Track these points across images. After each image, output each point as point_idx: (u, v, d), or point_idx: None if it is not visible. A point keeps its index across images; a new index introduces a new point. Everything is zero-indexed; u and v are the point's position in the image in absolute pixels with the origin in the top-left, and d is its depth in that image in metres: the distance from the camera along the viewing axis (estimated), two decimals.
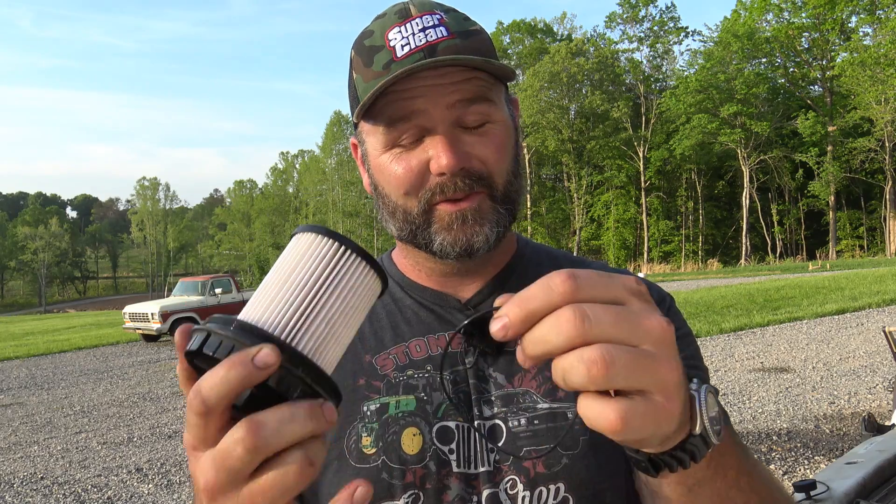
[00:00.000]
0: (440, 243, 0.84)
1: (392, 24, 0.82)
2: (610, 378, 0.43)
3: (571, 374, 0.43)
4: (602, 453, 0.83)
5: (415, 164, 0.82)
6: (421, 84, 0.79)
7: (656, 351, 0.45)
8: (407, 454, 0.83)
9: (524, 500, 0.82)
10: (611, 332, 0.44)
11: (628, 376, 0.43)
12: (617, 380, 0.43)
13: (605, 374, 0.42)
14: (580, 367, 0.43)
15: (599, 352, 0.43)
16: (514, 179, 0.87)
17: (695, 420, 0.50)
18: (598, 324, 0.44)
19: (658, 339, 0.45)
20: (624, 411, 0.44)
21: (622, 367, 0.43)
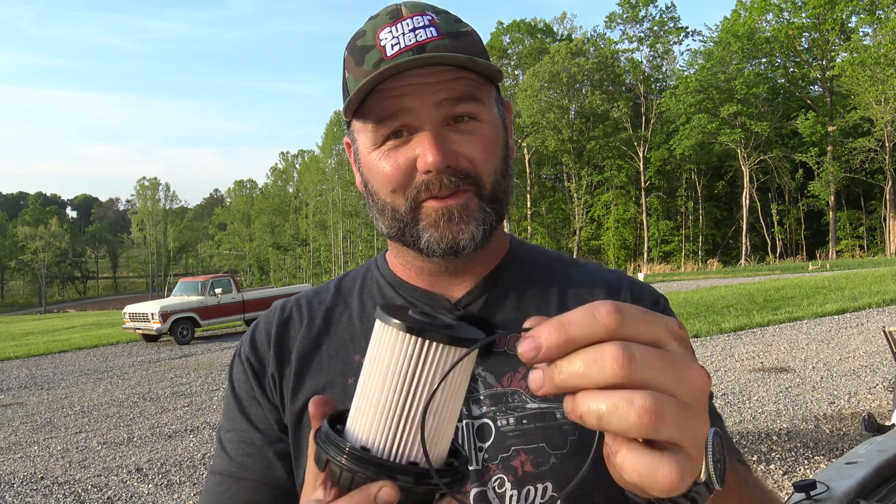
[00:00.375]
0: (426, 240, 0.85)
1: (383, 24, 0.84)
2: (658, 429, 0.41)
3: (614, 417, 0.41)
4: (588, 453, 0.82)
5: (402, 162, 0.83)
6: (409, 82, 0.80)
7: (695, 404, 0.43)
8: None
9: (512, 498, 0.82)
10: (657, 379, 0.42)
11: (673, 429, 0.41)
12: (663, 431, 0.41)
13: (655, 424, 0.40)
14: (629, 412, 0.40)
15: (653, 400, 0.41)
16: (501, 179, 0.87)
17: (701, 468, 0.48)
18: (645, 367, 0.41)
19: (698, 391, 0.44)
20: (682, 468, 0.42)
21: (671, 419, 0.41)
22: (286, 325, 0.95)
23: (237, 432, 0.90)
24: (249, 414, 0.91)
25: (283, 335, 0.94)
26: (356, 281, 1.00)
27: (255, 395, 0.91)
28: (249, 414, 0.91)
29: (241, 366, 0.94)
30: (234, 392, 0.94)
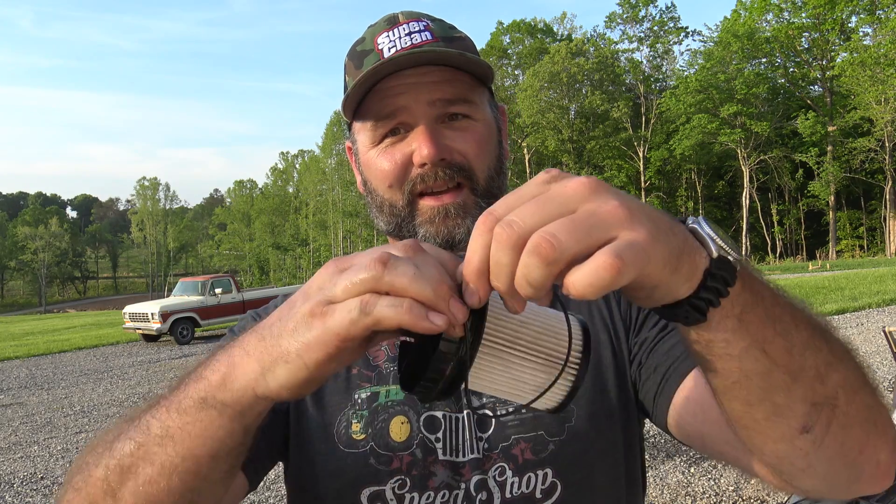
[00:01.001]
0: (423, 236, 0.88)
1: (381, 30, 0.89)
2: (563, 247, 0.42)
3: (532, 273, 0.43)
4: (587, 438, 0.86)
5: (399, 158, 0.87)
6: (404, 82, 0.85)
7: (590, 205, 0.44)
8: (394, 441, 0.86)
9: (513, 486, 0.84)
10: (538, 218, 0.44)
11: (579, 236, 0.42)
12: (571, 245, 0.42)
13: (554, 247, 0.42)
14: (532, 259, 0.42)
15: (537, 236, 0.42)
16: (496, 176, 0.90)
17: (707, 245, 0.49)
18: (527, 217, 0.44)
19: (582, 194, 0.45)
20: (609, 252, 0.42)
21: (567, 233, 0.42)
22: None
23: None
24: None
25: None
26: None
27: None
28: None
29: (248, 320, 0.96)
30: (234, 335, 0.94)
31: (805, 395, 0.55)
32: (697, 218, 0.51)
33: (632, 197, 0.46)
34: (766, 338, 0.53)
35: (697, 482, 4.90)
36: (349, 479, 0.85)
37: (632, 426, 0.91)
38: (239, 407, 0.57)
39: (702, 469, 5.14)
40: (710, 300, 0.49)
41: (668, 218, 0.48)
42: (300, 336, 0.52)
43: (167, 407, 0.61)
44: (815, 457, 0.59)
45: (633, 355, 0.90)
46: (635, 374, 0.90)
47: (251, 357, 0.55)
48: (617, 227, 0.43)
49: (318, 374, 0.53)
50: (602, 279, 0.42)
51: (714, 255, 0.49)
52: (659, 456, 5.48)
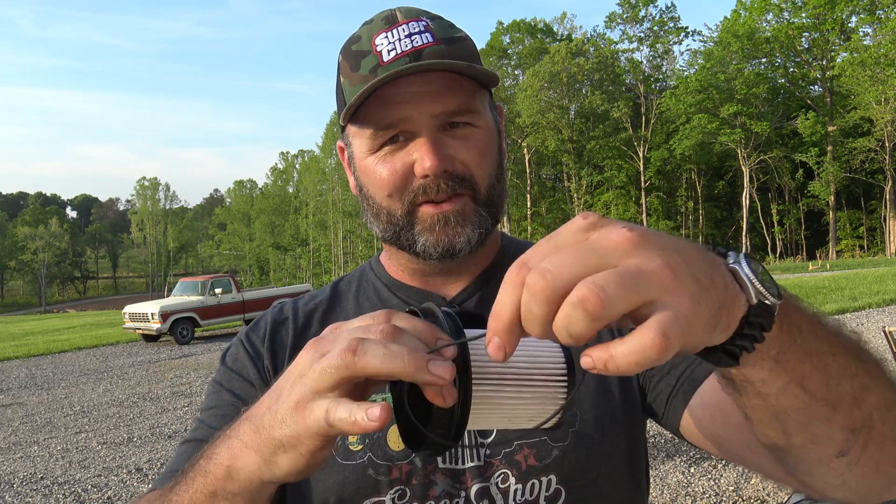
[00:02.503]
0: (423, 244, 0.86)
1: (379, 29, 0.85)
2: (609, 304, 0.40)
3: (574, 325, 0.41)
4: (592, 443, 0.85)
5: (399, 167, 0.84)
6: (406, 90, 0.82)
7: (635, 260, 0.42)
8: (393, 451, 0.84)
9: (516, 493, 0.83)
10: (576, 269, 0.42)
11: (625, 293, 0.41)
12: (617, 303, 0.40)
13: (601, 302, 0.40)
14: (575, 312, 0.41)
15: (584, 287, 0.40)
16: (496, 183, 0.89)
17: (746, 290, 0.47)
18: (563, 268, 0.42)
19: (625, 248, 0.43)
20: (656, 330, 0.40)
21: (615, 288, 0.40)
22: (282, 324, 0.97)
23: (220, 408, 0.90)
24: (237, 390, 0.92)
25: (277, 333, 0.96)
26: (352, 284, 1.02)
27: (248, 375, 0.92)
28: (237, 390, 0.92)
29: (239, 347, 0.96)
30: (227, 367, 0.94)
31: (843, 423, 0.55)
32: (738, 256, 0.49)
33: (673, 247, 0.44)
34: (803, 374, 0.52)
35: (697, 482, 4.90)
36: (348, 492, 0.84)
37: (636, 428, 0.90)
38: (248, 494, 0.59)
39: (702, 469, 5.14)
40: (745, 346, 0.48)
41: (708, 267, 0.45)
42: (288, 429, 0.53)
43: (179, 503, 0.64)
44: (849, 476, 0.58)
45: None
46: (644, 376, 0.89)
47: (250, 449, 0.57)
48: (661, 290, 0.41)
49: (316, 460, 0.54)
50: (648, 358, 0.40)
51: (753, 302, 0.47)
52: (659, 456, 5.48)
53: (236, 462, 0.59)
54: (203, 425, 0.89)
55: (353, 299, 0.99)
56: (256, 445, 0.56)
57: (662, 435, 5.98)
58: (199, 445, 0.84)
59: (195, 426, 0.91)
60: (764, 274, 0.48)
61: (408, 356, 0.49)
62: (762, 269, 0.48)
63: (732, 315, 0.46)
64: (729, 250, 0.50)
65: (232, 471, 0.59)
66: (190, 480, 0.64)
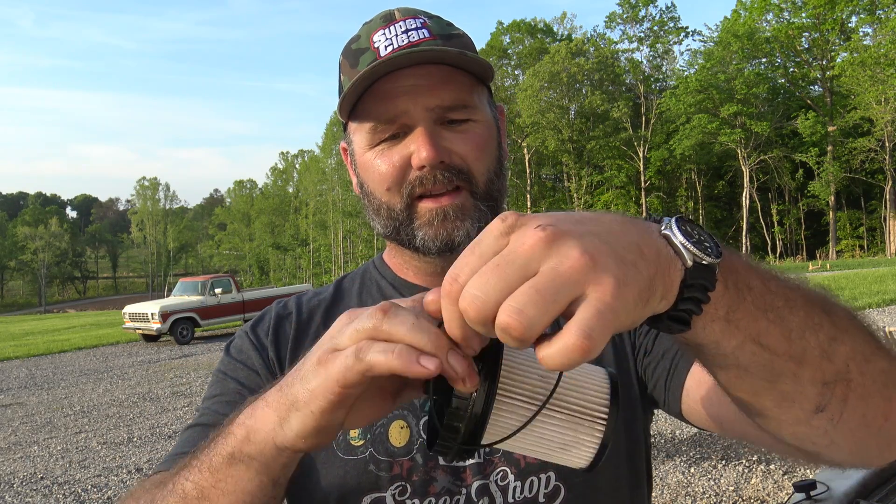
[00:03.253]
0: (422, 238, 0.86)
1: (377, 27, 0.87)
2: (531, 324, 0.40)
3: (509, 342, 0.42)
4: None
5: (397, 160, 0.85)
6: (403, 84, 0.83)
7: (551, 262, 0.42)
8: (394, 447, 0.85)
9: (515, 490, 0.83)
10: (504, 286, 0.42)
11: (546, 307, 0.41)
12: (539, 319, 0.41)
13: (522, 326, 0.40)
14: (504, 336, 0.41)
15: (504, 314, 0.41)
16: (495, 178, 0.89)
17: (681, 254, 0.47)
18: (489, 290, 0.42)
19: (542, 251, 0.42)
20: (577, 332, 0.40)
21: (533, 308, 0.40)
22: (286, 318, 0.97)
23: (225, 395, 0.90)
24: (242, 379, 0.92)
25: (281, 327, 0.96)
26: (354, 281, 1.02)
27: (254, 365, 0.92)
28: (242, 379, 0.92)
29: (244, 338, 0.96)
30: (231, 357, 0.95)
31: (813, 377, 0.54)
32: (669, 221, 0.48)
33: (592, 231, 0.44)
34: (759, 330, 0.51)
35: (697, 482, 4.90)
36: (349, 487, 0.84)
37: (636, 425, 0.90)
38: (263, 459, 0.58)
39: (702, 469, 5.14)
40: (691, 310, 0.47)
41: (635, 239, 0.45)
42: (307, 384, 0.53)
43: (199, 467, 0.63)
44: (836, 433, 0.57)
45: (639, 346, 0.90)
46: (642, 364, 0.89)
47: (270, 408, 0.57)
48: (583, 283, 0.41)
49: (326, 422, 0.53)
50: (573, 360, 0.41)
51: (689, 265, 0.46)
52: (659, 456, 5.48)
53: (256, 422, 0.59)
54: (209, 411, 0.88)
55: (357, 296, 0.99)
56: (276, 403, 0.57)
57: (662, 435, 5.99)
58: (204, 430, 0.84)
59: (200, 413, 0.91)
60: (701, 234, 0.48)
61: (433, 332, 0.48)
62: (698, 231, 0.48)
63: (669, 281, 0.46)
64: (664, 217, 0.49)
65: (251, 431, 0.59)
66: (212, 445, 0.63)
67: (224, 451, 0.61)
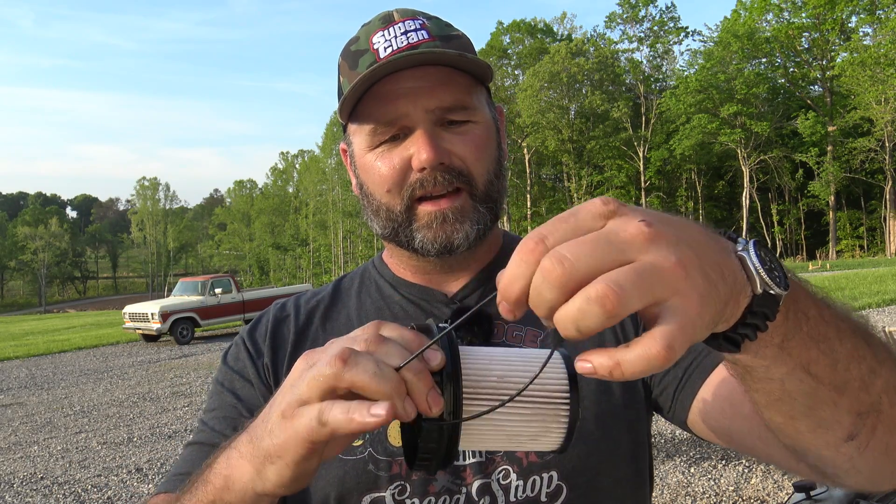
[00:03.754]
0: (420, 240, 0.87)
1: (376, 29, 0.87)
2: (625, 303, 0.40)
3: (586, 319, 0.40)
4: (592, 440, 0.85)
5: (397, 162, 0.85)
6: (402, 85, 0.83)
7: (650, 257, 0.41)
8: (393, 446, 0.84)
9: (517, 489, 0.83)
10: (592, 262, 0.41)
11: (641, 293, 0.40)
12: (632, 302, 0.40)
13: (619, 300, 0.39)
14: (592, 307, 0.40)
15: (603, 284, 0.40)
16: (494, 180, 0.89)
17: (752, 281, 0.46)
18: (580, 258, 0.41)
19: (642, 244, 0.42)
20: (662, 341, 0.40)
21: (632, 289, 0.40)
22: (284, 321, 0.98)
23: (222, 410, 0.91)
24: (238, 390, 0.92)
25: (279, 330, 0.96)
26: (354, 281, 1.02)
27: (248, 375, 0.93)
28: (238, 390, 0.92)
29: (240, 346, 0.96)
30: (228, 367, 0.95)
31: (851, 407, 0.54)
32: (748, 244, 0.47)
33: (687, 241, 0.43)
34: (810, 359, 0.51)
35: (697, 482, 4.90)
36: (349, 487, 0.84)
37: (638, 426, 0.90)
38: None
39: (702, 469, 5.14)
40: (747, 335, 0.47)
41: (719, 257, 0.45)
42: (275, 438, 0.54)
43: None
44: (859, 460, 0.58)
45: None
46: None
47: (244, 459, 0.58)
48: (672, 290, 0.41)
49: (302, 471, 0.54)
50: (653, 368, 0.40)
51: (758, 292, 0.46)
52: (659, 456, 5.48)
53: (233, 472, 0.60)
54: (206, 428, 0.90)
55: (355, 296, 0.99)
56: (249, 456, 0.58)
57: (662, 435, 5.99)
58: (201, 448, 0.86)
59: (198, 429, 0.92)
60: (772, 262, 0.47)
61: (395, 380, 0.49)
62: (770, 257, 0.47)
63: (737, 306, 0.46)
64: (739, 236, 0.49)
65: (229, 481, 0.60)
66: (194, 489, 0.65)
67: (205, 499, 0.63)
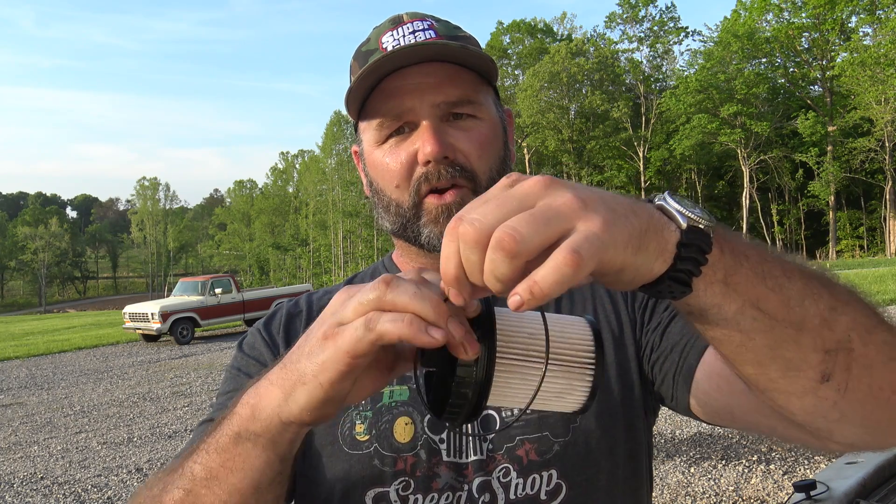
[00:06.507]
0: (427, 235, 0.88)
1: (386, 29, 0.90)
2: (523, 241, 0.43)
3: (498, 268, 0.44)
4: (592, 439, 0.86)
5: (404, 157, 0.88)
6: (409, 81, 0.86)
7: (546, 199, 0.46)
8: (399, 442, 0.86)
9: (517, 487, 0.84)
10: (498, 214, 0.45)
11: (537, 228, 0.44)
12: (531, 238, 0.43)
13: (516, 241, 0.43)
14: (496, 254, 0.44)
15: (499, 231, 0.44)
16: (497, 177, 0.89)
17: (674, 218, 0.50)
18: (488, 215, 0.46)
19: (538, 191, 0.47)
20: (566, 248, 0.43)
21: (526, 226, 0.44)
22: (297, 316, 1.00)
23: (238, 391, 0.91)
24: (254, 374, 0.93)
25: (292, 324, 0.98)
26: (365, 279, 1.04)
27: (265, 360, 0.94)
28: (254, 374, 0.93)
29: (256, 335, 0.98)
30: (244, 353, 0.97)
31: (815, 344, 0.55)
32: (663, 194, 0.52)
33: (589, 188, 0.48)
34: (758, 295, 0.53)
35: (697, 482, 4.90)
36: (354, 481, 0.85)
37: (637, 424, 0.91)
38: (269, 435, 0.61)
39: (702, 469, 5.14)
40: (690, 270, 0.50)
41: (628, 202, 0.49)
42: (315, 358, 0.55)
43: (206, 449, 0.66)
44: (844, 404, 0.58)
45: (645, 344, 0.90)
46: (649, 361, 0.89)
47: (274, 385, 0.60)
48: (573, 218, 0.45)
49: (334, 393, 0.55)
50: (565, 275, 0.43)
51: (683, 227, 0.49)
52: (659, 456, 5.49)
53: (260, 400, 0.61)
54: (223, 406, 0.89)
55: None
56: (280, 381, 0.59)
57: (662, 435, 5.99)
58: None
59: (213, 408, 0.93)
60: (694, 206, 0.51)
61: (434, 300, 0.51)
62: (690, 202, 0.51)
63: (663, 240, 0.49)
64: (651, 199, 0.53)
65: (256, 409, 0.61)
66: (218, 427, 0.66)
67: (230, 431, 0.64)
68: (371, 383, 0.59)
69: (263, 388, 0.61)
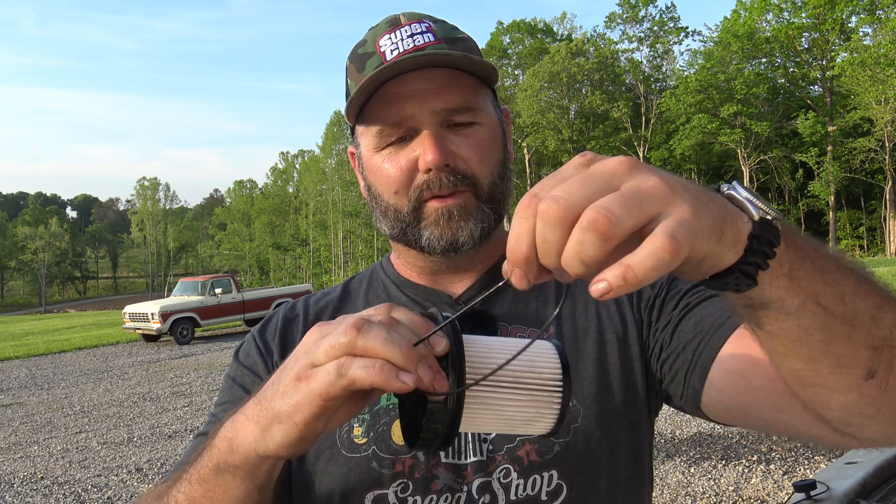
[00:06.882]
0: (427, 238, 0.88)
1: (383, 32, 0.88)
2: (617, 223, 0.42)
3: (587, 249, 0.42)
4: (593, 439, 0.86)
5: (404, 164, 0.87)
6: (408, 88, 0.85)
7: (633, 181, 0.44)
8: (397, 445, 0.86)
9: (518, 488, 0.84)
10: (584, 193, 0.43)
11: (630, 211, 0.42)
12: (624, 220, 0.42)
13: (609, 222, 0.42)
14: (586, 235, 0.42)
15: (591, 211, 0.42)
16: (499, 181, 0.90)
17: (746, 209, 0.49)
18: (572, 193, 0.44)
19: (623, 172, 0.45)
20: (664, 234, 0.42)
21: (620, 208, 0.42)
22: (293, 321, 0.99)
23: (232, 403, 0.92)
24: (248, 385, 0.94)
25: (288, 329, 0.98)
26: (362, 282, 1.04)
27: (258, 371, 0.94)
28: (248, 385, 0.94)
29: (251, 343, 0.98)
30: (239, 363, 0.97)
31: (865, 340, 0.56)
32: (732, 184, 0.51)
33: (668, 172, 0.47)
34: (818, 290, 0.53)
35: (697, 482, 4.90)
36: (352, 484, 0.86)
37: (639, 425, 0.91)
38: (247, 468, 0.64)
39: (702, 469, 5.14)
40: (759, 263, 0.49)
41: (704, 189, 0.48)
42: (288, 399, 0.57)
43: (188, 479, 0.70)
44: (882, 401, 0.59)
45: (654, 343, 0.89)
46: (658, 359, 0.88)
47: (251, 421, 0.62)
48: (662, 203, 0.44)
49: (309, 432, 0.58)
50: (662, 261, 0.41)
51: (755, 218, 0.49)
52: (659, 456, 5.49)
53: (237, 434, 0.63)
54: (215, 419, 0.91)
55: (363, 297, 1.01)
56: (256, 417, 0.61)
57: (662, 435, 5.99)
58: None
59: (208, 421, 0.93)
60: (760, 196, 0.50)
61: (404, 346, 0.53)
62: (757, 193, 0.50)
63: (737, 230, 0.48)
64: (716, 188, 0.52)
65: (233, 443, 0.64)
66: (198, 457, 0.69)
67: (210, 463, 0.67)
68: (345, 413, 0.60)
69: (240, 423, 0.64)
